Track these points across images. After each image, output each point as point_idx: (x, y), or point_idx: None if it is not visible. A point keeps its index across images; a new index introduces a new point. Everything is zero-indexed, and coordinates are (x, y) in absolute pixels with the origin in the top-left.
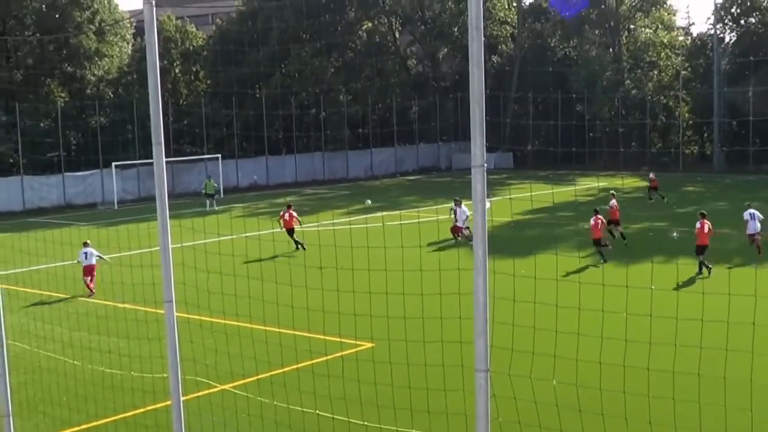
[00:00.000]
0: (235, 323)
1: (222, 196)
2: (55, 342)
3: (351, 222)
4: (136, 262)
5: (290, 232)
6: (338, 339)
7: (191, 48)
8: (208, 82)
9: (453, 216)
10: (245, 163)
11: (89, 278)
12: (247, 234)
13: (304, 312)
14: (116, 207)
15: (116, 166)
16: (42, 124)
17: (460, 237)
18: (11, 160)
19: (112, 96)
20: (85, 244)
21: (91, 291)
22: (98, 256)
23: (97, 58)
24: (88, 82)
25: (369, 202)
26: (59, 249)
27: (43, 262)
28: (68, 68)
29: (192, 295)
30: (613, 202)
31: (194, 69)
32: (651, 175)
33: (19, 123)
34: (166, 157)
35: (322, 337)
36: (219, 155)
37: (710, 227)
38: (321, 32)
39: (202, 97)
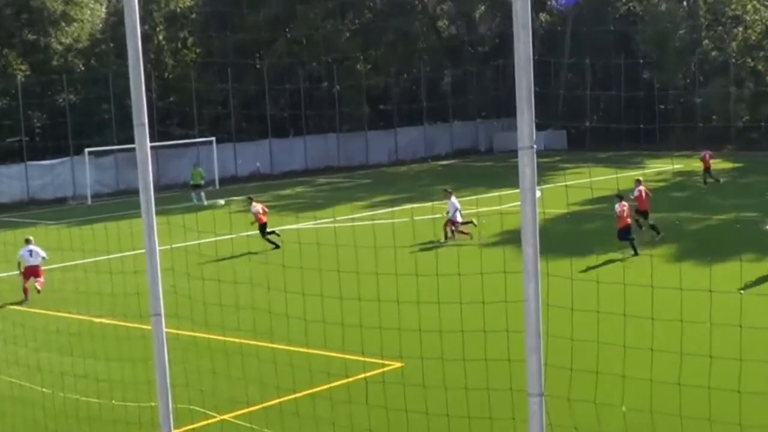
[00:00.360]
0: (237, 340)
1: (217, 187)
2: (19, 366)
3: (374, 216)
4: (116, 268)
5: (263, 228)
6: (361, 358)
7: (177, 10)
8: (198, 50)
9: (448, 211)
10: (245, 148)
11: (34, 280)
12: (250, 233)
13: (319, 326)
14: (90, 202)
15: (90, 153)
16: None
17: (450, 236)
18: None
19: (83, 69)
20: (27, 241)
21: (26, 296)
22: (43, 257)
23: (64, 24)
24: (54, 52)
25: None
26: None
27: (4, 269)
28: (29, 36)
29: (185, 306)
30: (640, 188)
31: (181, 35)
32: (705, 154)
33: None
34: (151, 140)
35: (342, 355)
36: (213, 138)
37: None
38: None
39: (192, 68)
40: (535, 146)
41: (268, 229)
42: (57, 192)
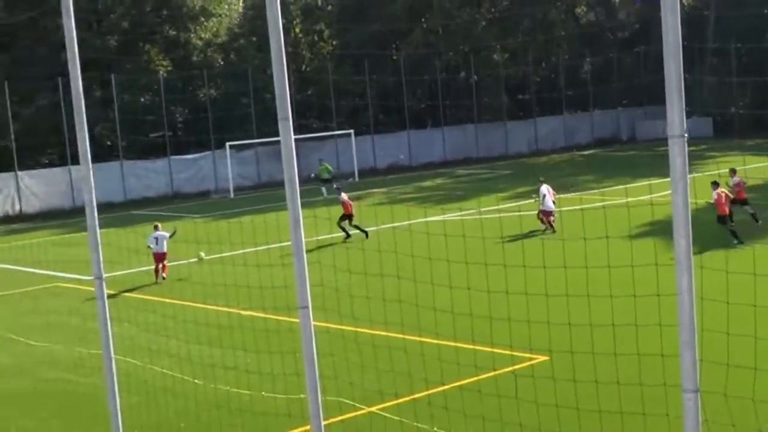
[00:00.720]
0: (384, 333)
1: (356, 179)
2: (170, 357)
3: (520, 207)
4: (264, 261)
5: (347, 217)
6: (509, 351)
7: (314, 2)
8: (335, 42)
9: (539, 199)
10: (383, 140)
11: (161, 266)
12: (395, 224)
13: (467, 319)
14: (232, 195)
15: (231, 147)
16: (142, 99)
17: (545, 226)
18: (109, 143)
19: (222, 63)
20: (156, 228)
21: (157, 280)
22: (165, 236)
23: (203, 19)
24: (194, 47)
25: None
26: (171, 246)
27: (152, 263)
28: (170, 31)
29: (332, 299)
30: (737, 178)
31: (318, 27)
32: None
33: (117, 99)
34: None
35: (490, 349)
36: (351, 131)
37: None
38: None
39: (329, 61)
40: (686, 135)
41: (354, 223)
42: (200, 185)
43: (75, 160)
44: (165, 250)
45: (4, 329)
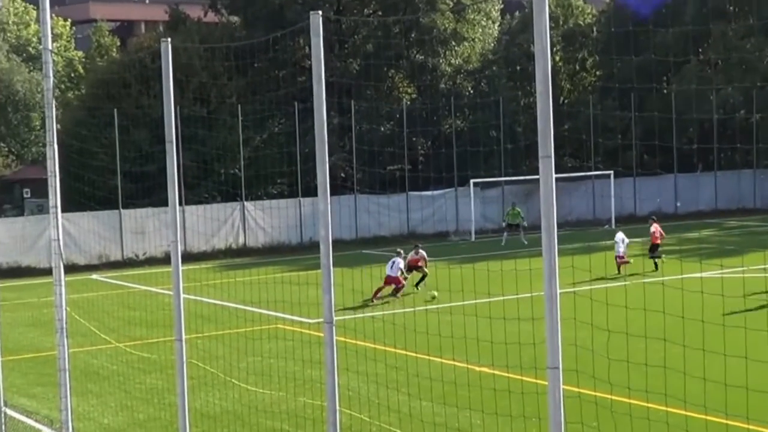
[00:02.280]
0: (644, 403)
1: (613, 226)
2: (394, 412)
3: None
4: (511, 313)
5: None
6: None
7: (577, 27)
8: (598, 73)
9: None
10: (646, 183)
11: (388, 287)
12: (646, 280)
13: (741, 393)
14: (473, 238)
15: (475, 185)
16: (382, 129)
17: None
18: (342, 175)
19: (471, 92)
20: (398, 253)
21: (372, 298)
22: (401, 269)
23: (454, 43)
24: (442, 74)
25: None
26: (405, 291)
27: (383, 308)
28: (417, 56)
29: (586, 361)
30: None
31: (580, 56)
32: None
33: (354, 127)
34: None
35: (746, 425)
36: (611, 172)
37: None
38: (754, 1)
39: (590, 93)
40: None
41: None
42: (438, 226)
43: (305, 192)
44: (396, 274)
45: (221, 371)
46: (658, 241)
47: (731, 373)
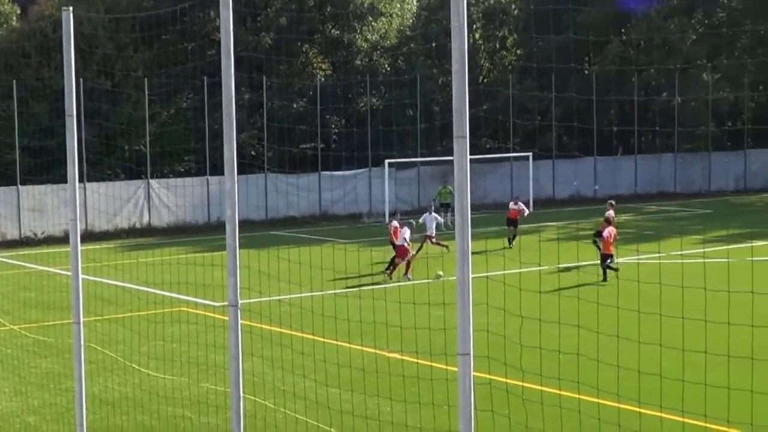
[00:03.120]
0: (556, 391)
1: (531, 209)
2: (302, 399)
3: (705, 254)
4: (422, 298)
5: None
6: (702, 423)
7: (498, 5)
8: (519, 52)
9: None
10: (564, 166)
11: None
12: (581, 263)
13: (652, 380)
14: (386, 220)
15: (390, 165)
16: (295, 106)
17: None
18: (253, 153)
19: (388, 70)
20: (410, 224)
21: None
22: (404, 238)
23: (371, 18)
24: (358, 50)
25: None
26: (315, 274)
27: (290, 291)
28: (332, 31)
29: (498, 347)
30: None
31: (500, 34)
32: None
33: (266, 104)
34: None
35: (680, 418)
36: (530, 153)
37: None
38: None
39: (510, 73)
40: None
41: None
42: (350, 207)
43: (213, 171)
44: (405, 244)
45: (122, 356)
46: (611, 250)
47: (645, 361)
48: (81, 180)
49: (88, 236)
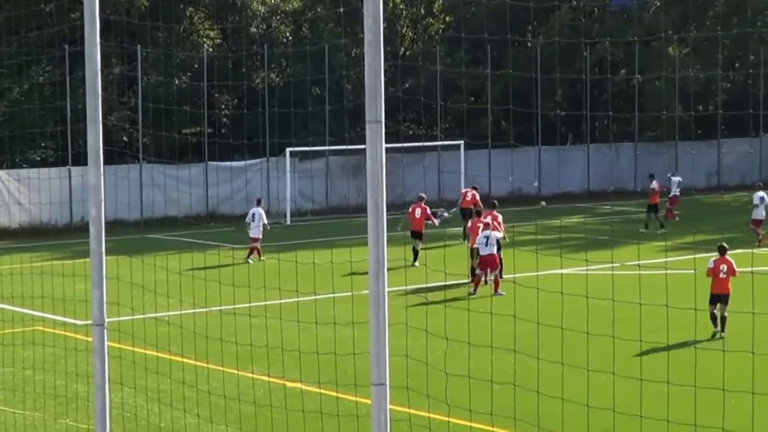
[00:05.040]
0: (488, 427)
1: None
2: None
3: (668, 265)
4: (325, 317)
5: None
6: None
7: None
8: (448, 19)
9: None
10: (502, 157)
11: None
12: (516, 274)
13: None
14: (289, 221)
15: (292, 155)
16: (176, 82)
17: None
18: (125, 139)
19: (290, 39)
20: (258, 202)
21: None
22: (264, 223)
23: None
24: (253, 14)
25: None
26: (198, 287)
27: (169, 307)
28: None
29: (418, 376)
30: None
31: None
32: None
33: (141, 79)
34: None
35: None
36: (461, 142)
37: None
38: None
39: (438, 44)
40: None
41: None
42: (245, 205)
43: (76, 160)
44: (259, 235)
45: None
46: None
47: (595, 392)
48: None
49: None
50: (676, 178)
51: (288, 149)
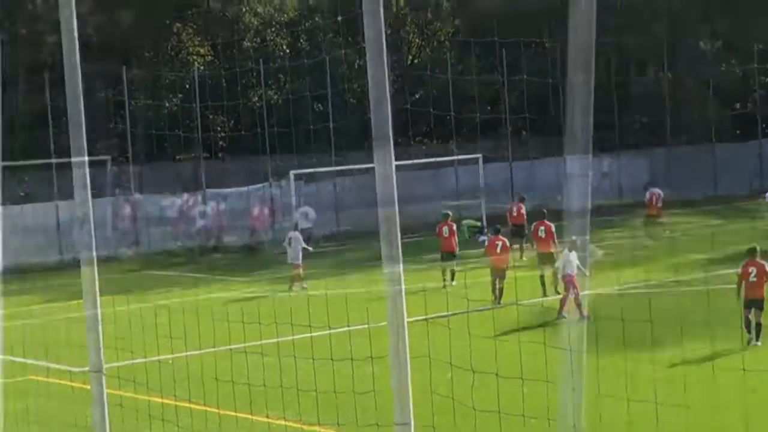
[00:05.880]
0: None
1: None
2: None
3: (708, 279)
4: (341, 352)
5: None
6: None
7: None
8: (457, 23)
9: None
10: (526, 169)
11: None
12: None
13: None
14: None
15: (296, 178)
16: (167, 105)
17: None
18: (114, 168)
19: (288, 52)
20: (295, 226)
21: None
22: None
23: None
24: (246, 28)
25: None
26: (204, 325)
27: (173, 349)
28: (213, 3)
29: (445, 414)
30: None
31: (433, 1)
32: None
33: (128, 103)
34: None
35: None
36: (479, 155)
37: None
38: None
39: (447, 50)
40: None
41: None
42: (244, 234)
43: (63, 194)
44: (298, 261)
45: None
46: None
47: (638, 424)
48: None
49: None
50: (657, 190)
51: (292, 172)
